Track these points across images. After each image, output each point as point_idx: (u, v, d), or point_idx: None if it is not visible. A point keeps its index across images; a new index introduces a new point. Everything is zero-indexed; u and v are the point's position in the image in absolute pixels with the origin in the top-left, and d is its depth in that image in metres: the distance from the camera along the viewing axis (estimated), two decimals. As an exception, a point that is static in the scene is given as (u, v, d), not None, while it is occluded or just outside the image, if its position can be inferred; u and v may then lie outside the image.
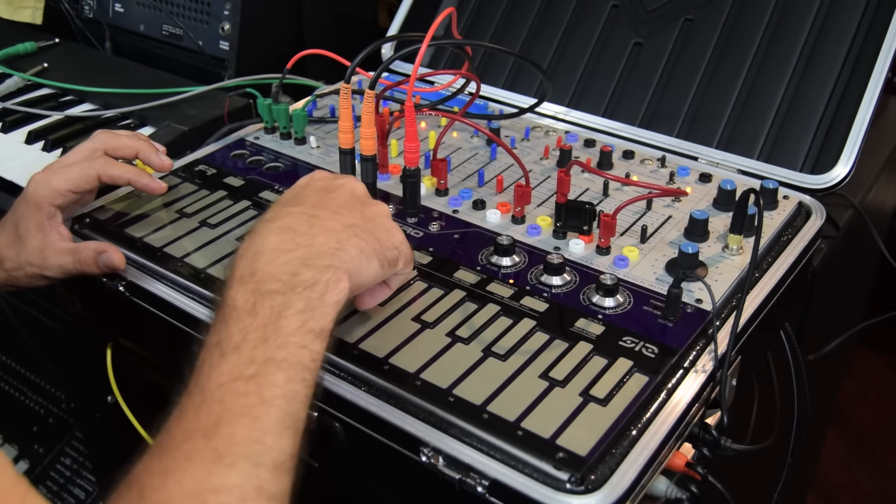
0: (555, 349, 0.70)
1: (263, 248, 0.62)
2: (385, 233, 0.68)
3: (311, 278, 0.60)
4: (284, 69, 1.02)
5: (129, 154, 0.88)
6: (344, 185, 0.71)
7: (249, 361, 0.56)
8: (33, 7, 1.50)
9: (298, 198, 0.68)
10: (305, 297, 0.59)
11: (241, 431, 0.53)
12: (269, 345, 0.57)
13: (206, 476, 0.51)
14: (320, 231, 0.64)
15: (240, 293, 0.60)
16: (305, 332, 0.58)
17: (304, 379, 0.57)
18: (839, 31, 1.04)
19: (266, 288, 0.59)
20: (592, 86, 1.16)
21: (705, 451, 0.68)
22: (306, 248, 0.62)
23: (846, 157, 0.98)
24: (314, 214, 0.65)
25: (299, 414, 0.56)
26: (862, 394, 2.22)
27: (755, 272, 0.80)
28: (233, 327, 0.58)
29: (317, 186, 0.70)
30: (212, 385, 0.56)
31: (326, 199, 0.68)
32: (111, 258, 0.81)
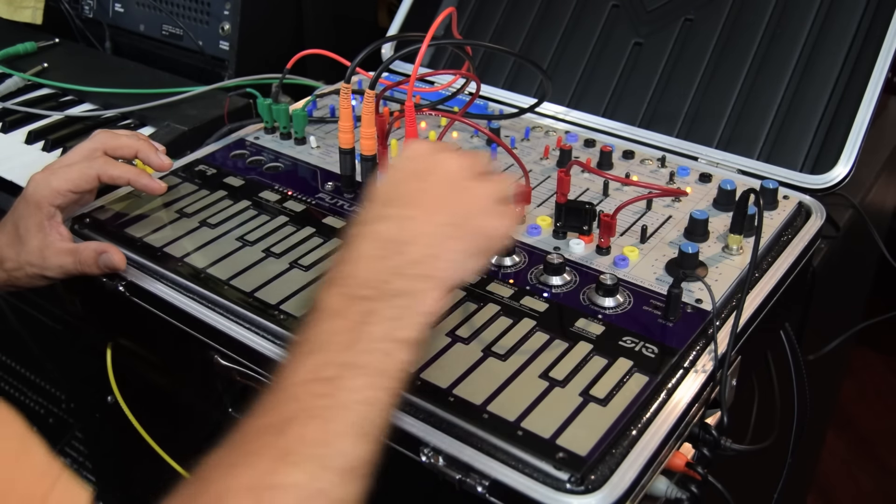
0: (555, 349, 0.70)
1: (357, 255, 0.61)
2: (485, 222, 0.64)
3: (402, 288, 0.59)
4: (284, 69, 1.02)
5: (128, 154, 0.88)
6: (437, 170, 0.65)
7: (330, 363, 0.56)
8: (33, 7, 1.50)
9: (391, 192, 0.65)
10: (395, 305, 0.58)
11: (311, 432, 0.53)
12: (352, 349, 0.56)
13: (267, 473, 0.51)
14: (412, 236, 0.61)
15: (331, 296, 0.59)
16: (391, 341, 0.57)
17: (385, 387, 0.56)
18: (839, 31, 1.04)
19: (357, 293, 0.59)
20: (592, 86, 1.16)
21: (705, 451, 0.68)
22: (398, 257, 0.60)
23: (846, 157, 0.98)
24: (408, 216, 0.62)
25: (377, 421, 0.55)
26: (862, 394, 2.22)
27: (755, 272, 0.80)
28: (319, 328, 0.58)
29: (411, 170, 0.65)
30: (290, 383, 0.55)
31: (420, 193, 0.64)
32: (112, 258, 0.81)
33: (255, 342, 0.74)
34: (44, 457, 0.48)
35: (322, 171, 0.98)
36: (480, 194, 0.64)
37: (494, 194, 0.65)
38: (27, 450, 0.47)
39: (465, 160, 0.66)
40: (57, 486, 0.47)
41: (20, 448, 0.47)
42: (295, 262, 0.82)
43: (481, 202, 0.64)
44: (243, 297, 0.77)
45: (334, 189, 0.94)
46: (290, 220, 0.89)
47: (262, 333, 0.75)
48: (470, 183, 0.65)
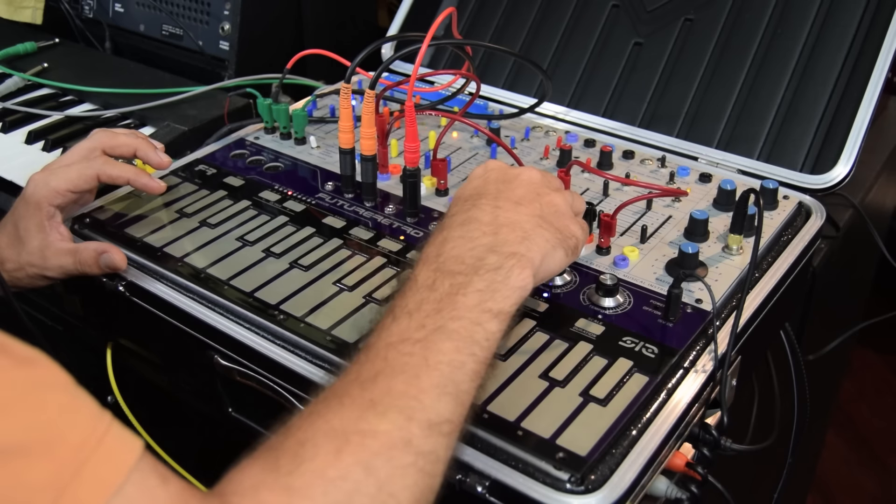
0: (555, 349, 0.70)
1: (450, 236, 0.63)
2: (564, 222, 0.67)
3: (495, 262, 0.61)
4: (284, 69, 1.02)
5: (127, 152, 0.88)
6: (520, 176, 0.69)
7: (420, 326, 0.57)
8: (33, 7, 1.50)
9: (479, 190, 0.68)
10: (488, 278, 0.60)
11: (398, 386, 0.54)
12: (442, 315, 0.57)
13: (355, 419, 0.52)
14: (505, 221, 0.64)
15: (422, 272, 0.61)
16: (482, 311, 0.58)
17: (473, 353, 0.57)
18: (839, 31, 1.04)
19: (449, 268, 0.60)
20: (592, 86, 1.16)
21: (705, 451, 0.68)
22: (492, 237, 0.62)
23: (846, 157, 0.98)
24: (497, 206, 0.65)
25: (463, 385, 0.56)
26: (862, 394, 2.22)
27: (755, 272, 0.80)
28: (410, 297, 0.59)
29: (494, 177, 0.69)
30: (379, 344, 0.57)
31: (506, 191, 0.67)
32: (112, 258, 0.81)
33: (255, 342, 0.74)
34: (94, 408, 0.48)
35: (322, 171, 0.98)
36: (558, 201, 0.68)
37: (571, 205, 0.70)
38: (76, 400, 0.48)
39: (543, 174, 0.70)
40: (110, 432, 0.47)
41: (70, 399, 0.47)
42: (295, 262, 0.82)
43: (560, 207, 0.68)
44: (243, 297, 0.77)
45: (334, 189, 0.94)
46: (290, 220, 0.89)
47: (262, 333, 0.75)
48: (548, 191, 0.69)
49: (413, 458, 0.52)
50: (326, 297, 0.77)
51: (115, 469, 0.46)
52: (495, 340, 0.59)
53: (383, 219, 0.89)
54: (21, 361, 0.46)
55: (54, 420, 0.46)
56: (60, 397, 0.47)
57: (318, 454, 0.50)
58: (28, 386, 0.46)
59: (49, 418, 0.45)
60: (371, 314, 0.75)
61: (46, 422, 0.45)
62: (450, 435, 0.54)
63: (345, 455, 0.50)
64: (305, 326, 0.73)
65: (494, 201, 0.66)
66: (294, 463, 0.50)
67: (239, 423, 0.83)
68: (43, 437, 0.44)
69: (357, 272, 0.80)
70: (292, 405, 0.73)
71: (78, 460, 0.45)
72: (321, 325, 0.74)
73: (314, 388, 0.70)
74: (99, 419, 0.47)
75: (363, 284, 0.79)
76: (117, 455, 0.46)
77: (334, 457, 0.50)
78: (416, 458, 0.52)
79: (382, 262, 0.81)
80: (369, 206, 0.91)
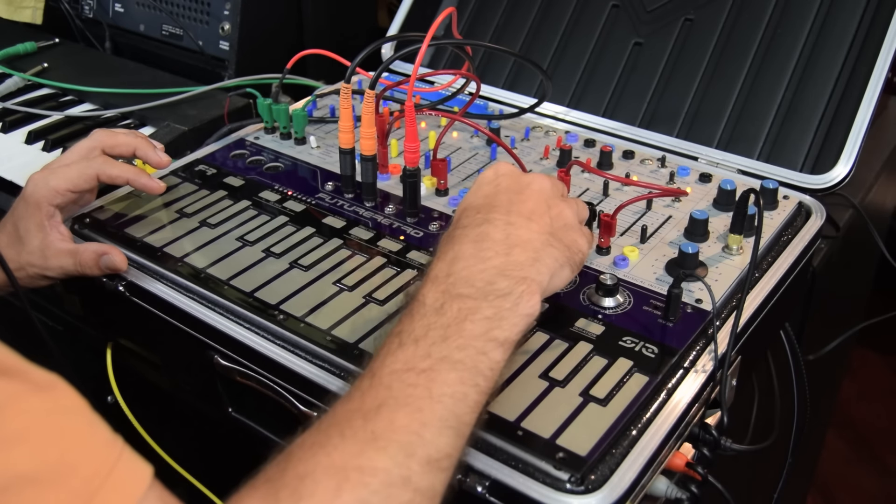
0: (555, 349, 0.70)
1: (461, 254, 0.62)
2: (573, 236, 0.67)
3: (505, 288, 0.60)
4: (284, 69, 1.02)
5: (126, 151, 0.88)
6: (532, 185, 0.68)
7: (425, 356, 0.56)
8: (33, 7, 1.50)
9: (490, 200, 0.67)
10: (496, 305, 0.59)
11: (401, 419, 0.53)
12: (448, 343, 0.57)
13: (356, 454, 0.52)
14: (517, 241, 0.63)
15: (431, 292, 0.60)
16: (488, 339, 0.58)
17: (476, 384, 0.56)
18: (839, 31, 1.04)
19: (458, 291, 0.60)
20: (592, 86, 1.16)
21: (705, 451, 0.68)
22: (504, 258, 0.61)
23: (846, 157, 0.98)
24: (510, 222, 0.64)
25: (465, 417, 0.56)
26: (862, 394, 2.22)
27: (755, 272, 0.80)
28: (417, 322, 0.59)
29: (505, 186, 0.68)
30: (384, 371, 0.56)
31: (517, 203, 0.66)
32: (113, 260, 0.81)
33: (255, 342, 0.74)
34: (108, 433, 0.49)
35: (322, 171, 0.98)
36: (567, 212, 0.68)
37: (577, 215, 0.70)
38: (91, 427, 0.48)
39: (552, 182, 0.70)
40: (121, 460, 0.48)
41: (85, 426, 0.48)
42: (295, 262, 0.82)
43: (568, 219, 0.68)
44: (243, 297, 0.77)
45: (334, 189, 0.94)
46: (290, 220, 0.89)
47: (262, 333, 0.75)
48: (557, 201, 0.68)
49: (411, 495, 0.52)
50: (326, 297, 0.77)
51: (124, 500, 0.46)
52: (499, 370, 0.58)
53: (383, 219, 0.89)
54: (39, 387, 0.47)
55: (68, 449, 0.46)
56: (76, 424, 0.48)
57: (318, 491, 0.50)
58: (44, 413, 0.46)
59: (63, 447, 0.46)
60: (371, 314, 0.75)
61: (60, 451, 0.46)
62: (448, 469, 0.54)
63: (344, 493, 0.50)
64: (305, 326, 0.73)
65: (507, 216, 0.65)
66: (293, 498, 0.50)
67: (239, 423, 0.83)
68: (56, 466, 0.45)
69: (357, 272, 0.80)
70: (292, 405, 0.73)
71: (88, 491, 0.45)
72: (321, 325, 0.74)
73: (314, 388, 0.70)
74: (112, 447, 0.48)
75: (363, 284, 0.79)
76: (127, 485, 0.47)
77: (333, 494, 0.50)
78: (414, 496, 0.52)
79: (382, 262, 0.81)
80: (369, 206, 0.91)
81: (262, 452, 0.54)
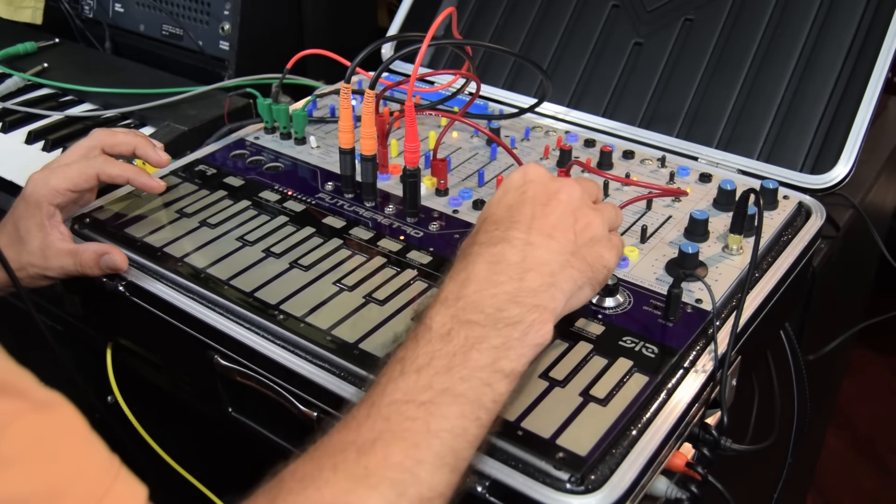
0: (555, 349, 0.70)
1: (473, 276, 0.59)
2: (597, 251, 0.64)
3: (516, 316, 0.58)
4: (284, 69, 1.02)
5: (126, 150, 0.88)
6: (559, 195, 0.64)
7: (427, 387, 0.55)
8: (33, 7, 1.50)
9: (512, 213, 0.63)
10: (505, 334, 0.57)
11: (395, 455, 0.52)
12: (452, 374, 0.55)
13: (346, 491, 0.50)
14: (533, 264, 0.60)
15: (439, 315, 0.58)
16: (494, 371, 0.56)
17: (478, 418, 0.55)
18: (839, 31, 1.04)
19: (467, 317, 0.57)
20: (592, 86, 1.16)
21: (705, 451, 0.68)
22: (517, 283, 0.59)
23: (846, 157, 0.98)
24: (529, 242, 0.61)
25: (463, 452, 0.54)
26: (862, 394, 2.22)
27: (755, 272, 0.80)
28: (422, 348, 0.57)
29: (531, 195, 0.64)
30: (383, 401, 0.54)
31: (540, 217, 0.63)
32: (113, 260, 0.81)
33: (255, 342, 0.74)
34: (105, 453, 0.48)
35: (322, 171, 0.98)
36: (595, 223, 0.64)
37: (607, 223, 0.66)
38: (89, 446, 0.48)
39: (582, 188, 0.66)
40: (117, 481, 0.47)
41: (83, 446, 0.48)
42: (295, 262, 0.82)
43: (596, 231, 0.64)
44: (243, 297, 0.77)
45: (334, 189, 0.94)
46: (290, 220, 0.89)
47: (262, 333, 0.75)
48: (586, 211, 0.65)
49: None
50: (326, 297, 0.77)
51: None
52: (502, 402, 0.57)
53: (383, 219, 0.89)
54: (39, 406, 0.47)
55: (63, 471, 0.46)
56: (74, 444, 0.47)
57: None
58: (42, 433, 0.46)
59: (58, 469, 0.46)
60: (371, 314, 0.75)
61: (55, 473, 0.45)
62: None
63: None
64: (305, 326, 0.73)
65: (527, 234, 0.61)
66: None
67: (239, 423, 0.83)
68: (52, 488, 0.45)
69: (357, 272, 0.80)
70: (292, 405, 0.73)
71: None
72: (321, 325, 0.74)
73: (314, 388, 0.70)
74: (108, 467, 0.48)
75: (363, 284, 0.79)
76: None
77: None
78: None
79: (382, 262, 0.81)
80: (369, 206, 0.91)
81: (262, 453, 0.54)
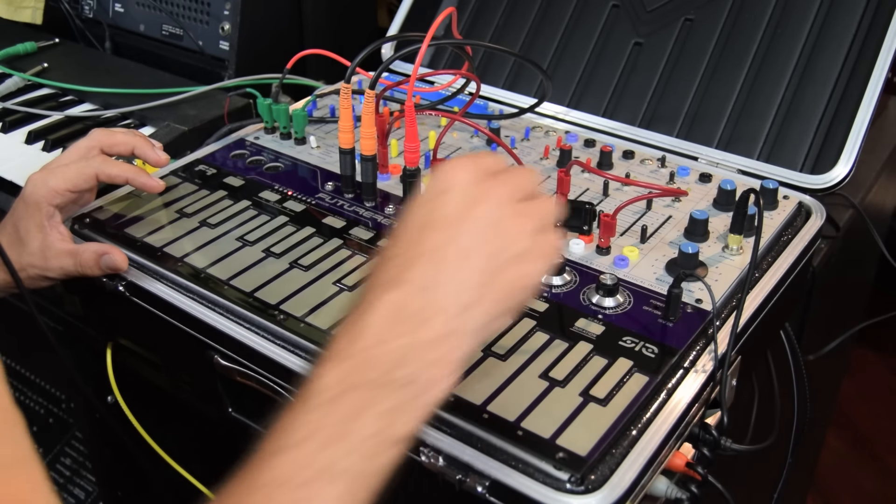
0: (555, 349, 0.70)
1: (366, 330, 0.53)
2: (519, 271, 0.56)
3: (409, 375, 0.52)
4: (284, 69, 1.02)
5: (125, 150, 0.88)
6: (479, 208, 0.55)
7: (306, 465, 0.50)
8: (33, 7, 1.50)
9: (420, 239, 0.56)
10: (398, 396, 0.52)
11: None
12: (335, 449, 0.50)
13: None
14: (433, 311, 0.53)
15: (328, 375, 0.53)
16: (382, 440, 0.51)
17: (363, 490, 0.51)
18: (839, 31, 1.04)
19: (356, 378, 0.52)
20: (592, 86, 1.16)
21: (705, 451, 0.68)
22: (412, 336, 0.53)
23: (846, 157, 0.98)
24: (428, 285, 0.54)
25: None
26: (862, 394, 2.22)
27: (755, 272, 0.80)
28: (306, 416, 0.52)
29: (446, 213, 0.56)
30: (256, 485, 0.50)
31: (451, 243, 0.55)
32: (113, 259, 0.81)
33: (255, 342, 0.74)
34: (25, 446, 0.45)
35: (322, 171, 0.98)
36: (521, 233, 0.56)
37: (536, 225, 0.57)
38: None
39: (511, 188, 0.57)
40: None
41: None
42: (295, 262, 0.82)
43: (520, 245, 0.56)
44: (243, 297, 0.77)
45: (334, 189, 0.94)
46: (290, 220, 0.89)
47: (262, 333, 0.75)
48: (510, 222, 0.56)
49: None
50: (326, 297, 0.77)
51: None
52: (391, 468, 0.52)
53: (383, 219, 0.89)
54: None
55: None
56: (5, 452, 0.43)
57: None
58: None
59: None
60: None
61: None
62: None
63: None
64: (305, 326, 0.73)
65: (429, 272, 0.54)
66: None
67: (239, 423, 0.83)
68: None
69: (357, 272, 0.80)
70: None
71: None
72: (321, 325, 0.74)
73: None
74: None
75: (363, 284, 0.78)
76: None
77: None
78: None
79: (382, 262, 0.81)
80: (369, 206, 0.91)
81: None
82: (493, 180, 0.57)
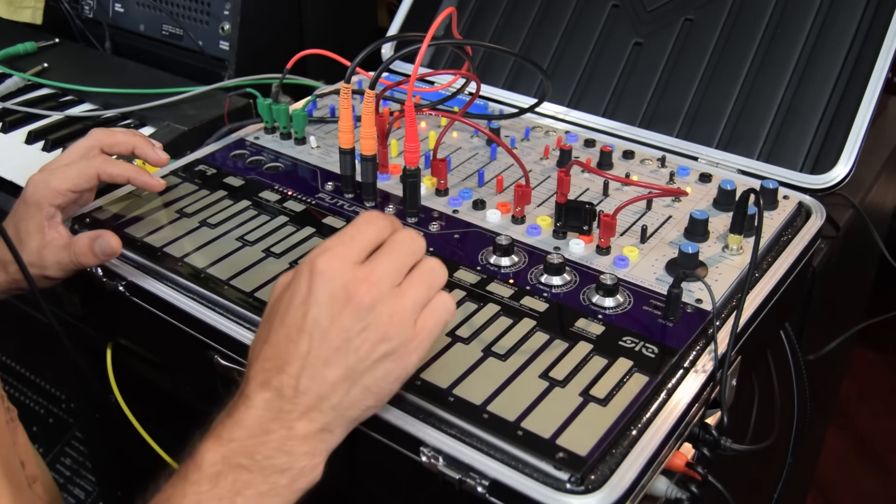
0: (555, 349, 0.70)
1: (246, 422, 0.57)
2: (386, 370, 0.59)
3: (284, 464, 0.57)
4: (284, 69, 1.02)
5: (125, 150, 0.88)
6: (349, 306, 0.57)
7: None
8: (33, 7, 1.50)
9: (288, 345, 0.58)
10: (272, 481, 0.57)
11: None
12: None
13: None
14: (304, 410, 0.58)
15: (210, 453, 0.57)
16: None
17: None
18: (839, 31, 1.04)
19: (237, 460, 0.57)
20: (592, 86, 1.16)
21: (705, 451, 0.68)
22: (286, 432, 0.57)
23: (846, 157, 0.98)
24: (300, 390, 0.57)
25: None
26: (862, 394, 2.22)
27: (755, 272, 0.80)
28: (188, 488, 0.56)
29: (315, 317, 0.57)
30: None
31: (318, 348, 0.57)
32: (107, 242, 0.80)
33: (255, 342, 0.74)
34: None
35: (322, 171, 0.98)
36: (396, 326, 0.58)
37: (421, 298, 0.59)
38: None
39: (386, 267, 0.58)
40: None
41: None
42: (295, 263, 0.82)
43: (394, 338, 0.58)
44: (243, 297, 0.77)
45: (334, 189, 0.94)
46: (290, 220, 0.89)
47: (262, 333, 0.75)
48: (383, 317, 0.57)
49: None
50: (326, 297, 0.77)
51: None
52: None
53: (383, 219, 0.89)
54: None
55: None
56: None
57: None
58: None
59: None
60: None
61: None
62: None
63: None
64: (305, 326, 0.73)
65: (298, 378, 0.57)
66: None
67: (239, 423, 0.83)
68: None
69: (357, 272, 0.80)
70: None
71: None
72: (321, 325, 0.73)
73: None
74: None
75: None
76: None
77: None
78: None
79: (382, 262, 0.81)
80: (369, 206, 0.91)
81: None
82: (368, 267, 0.58)
